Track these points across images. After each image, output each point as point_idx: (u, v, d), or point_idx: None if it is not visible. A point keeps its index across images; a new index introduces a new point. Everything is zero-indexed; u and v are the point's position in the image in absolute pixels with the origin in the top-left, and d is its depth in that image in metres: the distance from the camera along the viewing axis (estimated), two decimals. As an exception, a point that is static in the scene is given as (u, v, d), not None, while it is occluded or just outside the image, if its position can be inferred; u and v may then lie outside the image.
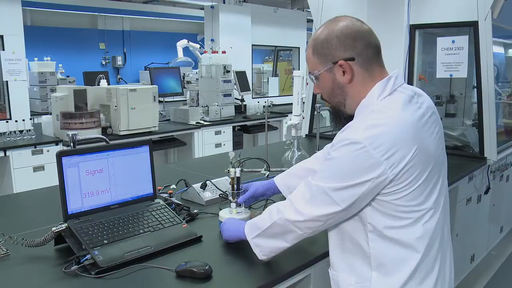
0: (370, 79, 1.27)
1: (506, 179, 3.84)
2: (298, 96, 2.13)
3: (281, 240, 1.35)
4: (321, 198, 1.22)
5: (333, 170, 1.21)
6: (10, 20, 4.34)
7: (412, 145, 1.16)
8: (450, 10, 3.13)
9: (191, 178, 2.26)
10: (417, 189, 1.18)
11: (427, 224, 1.22)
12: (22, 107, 4.47)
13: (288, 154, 2.13)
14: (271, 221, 1.35)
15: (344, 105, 1.32)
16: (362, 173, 1.15)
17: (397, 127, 1.17)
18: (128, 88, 4.41)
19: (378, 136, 1.14)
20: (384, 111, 1.20)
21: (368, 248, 1.24)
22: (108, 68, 9.21)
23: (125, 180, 1.70)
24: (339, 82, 1.28)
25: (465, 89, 3.58)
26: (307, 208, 1.25)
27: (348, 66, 1.25)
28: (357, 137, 1.15)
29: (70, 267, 1.41)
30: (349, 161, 1.17)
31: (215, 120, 5.53)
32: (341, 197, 1.19)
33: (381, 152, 1.13)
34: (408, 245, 1.21)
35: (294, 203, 1.28)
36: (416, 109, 1.24)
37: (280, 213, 1.32)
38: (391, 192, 1.17)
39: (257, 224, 1.42)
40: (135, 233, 1.58)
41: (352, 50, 1.24)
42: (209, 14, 6.48)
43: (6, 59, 4.33)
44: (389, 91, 1.25)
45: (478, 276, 3.53)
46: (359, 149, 1.15)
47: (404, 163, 1.15)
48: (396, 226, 1.20)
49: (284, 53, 8.58)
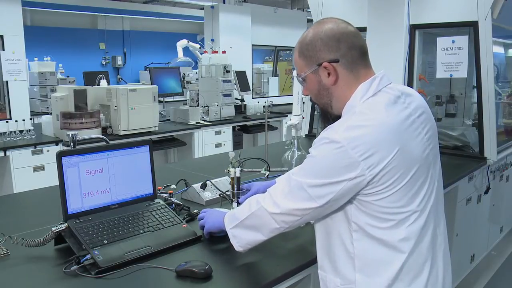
0: (355, 80, 1.27)
1: (506, 179, 3.84)
2: (298, 96, 2.13)
3: (258, 232, 1.36)
4: (298, 193, 1.23)
5: (311, 167, 1.23)
6: (10, 20, 4.34)
7: (392, 147, 1.16)
8: (450, 10, 3.13)
9: (191, 178, 2.26)
10: (399, 191, 1.18)
11: (411, 227, 1.21)
12: (22, 107, 4.46)
13: (288, 154, 2.12)
14: (249, 212, 1.36)
15: (331, 106, 1.33)
16: (339, 172, 1.16)
17: (377, 128, 1.17)
18: (128, 88, 4.41)
19: (357, 137, 1.15)
20: (365, 112, 1.21)
21: (352, 248, 1.24)
22: (108, 68, 9.21)
23: (125, 180, 1.70)
24: (324, 84, 1.29)
25: (465, 89, 3.58)
26: (284, 201, 1.26)
27: (332, 68, 1.26)
28: (336, 137, 1.17)
29: (70, 267, 1.41)
30: (327, 159, 1.19)
31: (215, 120, 5.53)
32: (317, 193, 1.20)
33: (359, 153, 1.14)
34: (392, 246, 1.20)
35: (273, 195, 1.30)
36: (401, 109, 1.24)
37: (259, 204, 1.33)
38: (371, 193, 1.18)
39: (236, 215, 1.43)
40: (135, 233, 1.58)
41: (337, 52, 1.25)
42: (209, 14, 6.48)
43: (6, 59, 4.33)
44: (372, 92, 1.25)
45: (478, 276, 3.53)
46: (337, 148, 1.16)
47: (383, 165, 1.15)
48: (380, 227, 1.20)
49: (284, 53, 8.57)
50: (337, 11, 3.62)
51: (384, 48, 3.23)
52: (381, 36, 3.41)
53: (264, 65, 8.33)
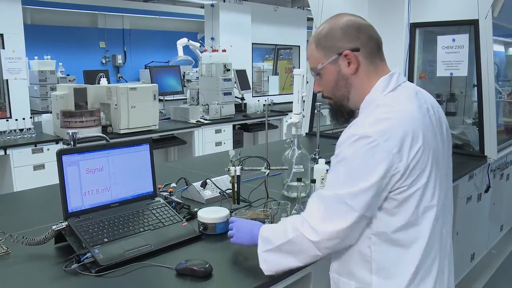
0: (374, 72, 1.27)
1: (506, 177, 3.83)
2: (298, 95, 2.13)
3: (294, 259, 1.28)
4: (337, 208, 1.17)
5: (345, 173, 1.17)
6: (10, 19, 4.33)
7: (419, 138, 1.15)
8: (450, 9, 3.13)
9: (191, 177, 2.26)
10: (422, 187, 1.17)
11: (429, 223, 1.20)
12: (22, 106, 4.46)
13: (288, 152, 2.12)
14: (285, 238, 1.27)
15: (348, 98, 1.30)
16: (376, 169, 1.12)
17: (405, 119, 1.16)
18: (128, 87, 4.41)
19: (387, 129, 1.13)
20: (390, 104, 1.20)
21: (369, 252, 1.22)
22: (108, 66, 9.19)
23: (125, 179, 1.70)
24: (344, 74, 1.27)
25: (466, 88, 3.58)
26: (323, 225, 1.19)
27: (353, 56, 1.25)
28: (367, 131, 1.14)
29: (70, 266, 1.41)
30: (361, 158, 1.14)
31: (215, 118, 5.53)
32: (359, 201, 1.14)
33: (392, 145, 1.12)
34: (408, 247, 1.19)
35: (309, 221, 1.21)
36: (421, 104, 1.24)
37: (297, 231, 1.24)
38: (398, 189, 1.15)
39: (270, 239, 1.33)
40: (135, 232, 1.58)
41: (357, 41, 1.25)
42: (209, 13, 6.48)
43: (6, 58, 4.32)
44: (393, 86, 1.25)
45: (478, 274, 3.53)
46: (369, 143, 1.12)
47: (411, 157, 1.13)
48: (400, 227, 1.18)
49: (284, 52, 8.57)
50: (337, 9, 3.59)
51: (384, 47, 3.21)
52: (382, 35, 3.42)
53: (264, 64, 8.32)
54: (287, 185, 2.14)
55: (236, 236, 1.46)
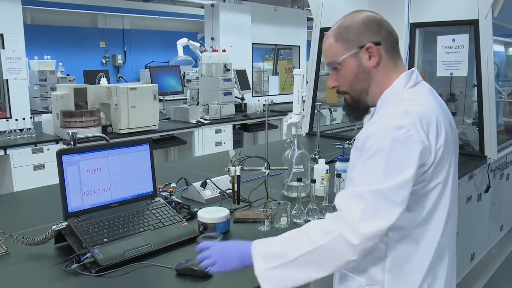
0: (394, 67, 1.29)
1: (506, 177, 3.83)
2: (298, 95, 2.13)
3: (316, 269, 1.12)
4: (381, 205, 1.09)
5: (385, 164, 1.11)
6: (10, 19, 4.33)
7: (442, 133, 1.18)
8: (450, 9, 3.13)
9: (191, 177, 2.26)
10: (443, 181, 1.18)
11: (442, 220, 1.21)
12: (22, 106, 4.46)
13: (289, 152, 2.12)
14: (312, 246, 1.11)
15: (367, 92, 1.29)
16: (414, 159, 1.11)
17: (430, 114, 1.18)
18: (128, 87, 4.41)
19: (417, 120, 1.13)
20: (415, 98, 1.22)
21: (385, 248, 1.20)
22: (108, 66, 9.19)
23: (125, 179, 1.70)
24: (365, 67, 1.27)
25: (466, 88, 3.58)
26: (364, 225, 1.08)
27: (375, 49, 1.25)
28: (400, 122, 1.12)
29: (70, 266, 1.41)
30: (400, 147, 1.11)
31: (215, 118, 5.53)
32: (402, 195, 1.10)
33: (423, 136, 1.12)
34: (424, 243, 1.19)
35: (349, 221, 1.10)
36: (439, 101, 1.28)
37: (333, 233, 1.10)
38: (421, 182, 1.15)
39: (278, 253, 1.16)
40: (135, 232, 1.58)
41: (378, 35, 1.26)
42: (209, 13, 6.48)
43: (6, 58, 4.32)
44: (413, 83, 1.27)
45: (478, 274, 3.53)
46: (405, 133, 1.11)
47: (437, 149, 1.15)
48: (418, 223, 1.18)
49: (284, 52, 8.57)
50: (337, 9, 3.61)
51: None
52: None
53: (264, 64, 8.32)
54: (287, 185, 2.14)
55: (220, 263, 1.23)
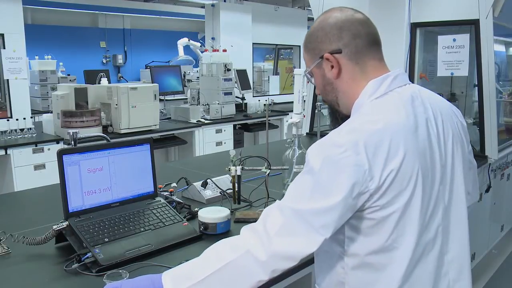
0: (361, 73, 1.14)
1: (507, 177, 3.83)
2: (299, 94, 2.13)
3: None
4: (297, 226, 1.01)
5: (311, 184, 1.02)
6: (11, 19, 4.34)
7: (397, 156, 1.01)
8: (451, 8, 3.13)
9: (192, 177, 2.26)
10: (401, 208, 1.03)
11: (411, 245, 1.05)
12: (23, 106, 4.46)
13: (289, 152, 2.12)
14: (220, 263, 1.04)
15: (337, 103, 1.20)
16: (345, 184, 0.99)
17: (383, 133, 1.02)
18: (129, 87, 4.42)
19: (360, 141, 1.00)
20: (375, 112, 1.08)
21: (343, 273, 1.11)
22: (108, 66, 9.20)
23: (126, 178, 1.70)
24: (328, 78, 1.17)
25: (466, 88, 3.58)
26: (277, 241, 1.01)
27: (334, 59, 1.14)
28: (339, 141, 1.02)
29: (71, 265, 1.41)
30: (330, 169, 1.01)
31: (215, 118, 5.53)
32: (323, 221, 1.00)
33: (363, 160, 0.99)
34: (386, 269, 1.06)
35: (261, 234, 1.03)
36: (414, 113, 1.09)
37: (240, 249, 1.04)
38: (369, 208, 1.03)
39: (188, 273, 1.09)
40: (136, 231, 1.58)
41: (338, 42, 1.13)
42: (209, 13, 6.48)
43: (7, 58, 4.33)
44: (382, 91, 1.12)
45: (478, 274, 3.53)
46: (340, 154, 1.00)
47: (385, 176, 1.00)
48: (376, 249, 1.06)
49: (285, 52, 8.57)
50: (338, 10, 3.61)
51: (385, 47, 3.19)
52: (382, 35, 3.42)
53: (265, 64, 8.33)
54: (288, 185, 2.14)
55: None
